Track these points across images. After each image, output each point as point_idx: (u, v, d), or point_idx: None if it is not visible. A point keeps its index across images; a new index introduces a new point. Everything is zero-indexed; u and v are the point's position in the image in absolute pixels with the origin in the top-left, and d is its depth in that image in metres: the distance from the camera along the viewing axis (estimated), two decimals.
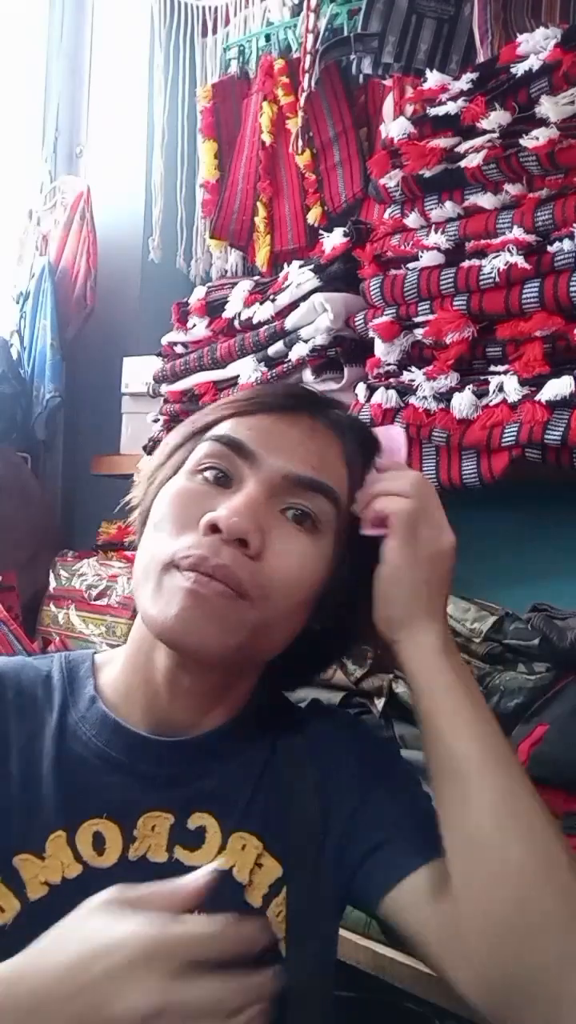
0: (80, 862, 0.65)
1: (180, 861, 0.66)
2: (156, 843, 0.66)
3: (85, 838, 0.65)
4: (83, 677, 0.72)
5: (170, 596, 0.62)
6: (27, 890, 0.63)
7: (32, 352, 1.81)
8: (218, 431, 0.68)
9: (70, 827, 0.65)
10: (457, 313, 0.97)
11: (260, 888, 0.67)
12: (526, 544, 1.22)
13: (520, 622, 1.01)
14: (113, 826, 0.65)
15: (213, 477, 0.66)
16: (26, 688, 0.71)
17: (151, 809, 0.66)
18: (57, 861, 0.64)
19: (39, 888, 0.64)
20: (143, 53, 1.81)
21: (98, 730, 0.68)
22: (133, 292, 1.81)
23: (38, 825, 0.65)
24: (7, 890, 0.63)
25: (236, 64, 1.62)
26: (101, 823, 0.65)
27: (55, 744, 0.68)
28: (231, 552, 0.61)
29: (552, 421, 0.89)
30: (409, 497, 0.69)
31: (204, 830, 0.67)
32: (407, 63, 1.17)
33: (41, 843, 0.64)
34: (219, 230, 1.58)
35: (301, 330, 1.17)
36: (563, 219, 0.89)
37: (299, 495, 0.65)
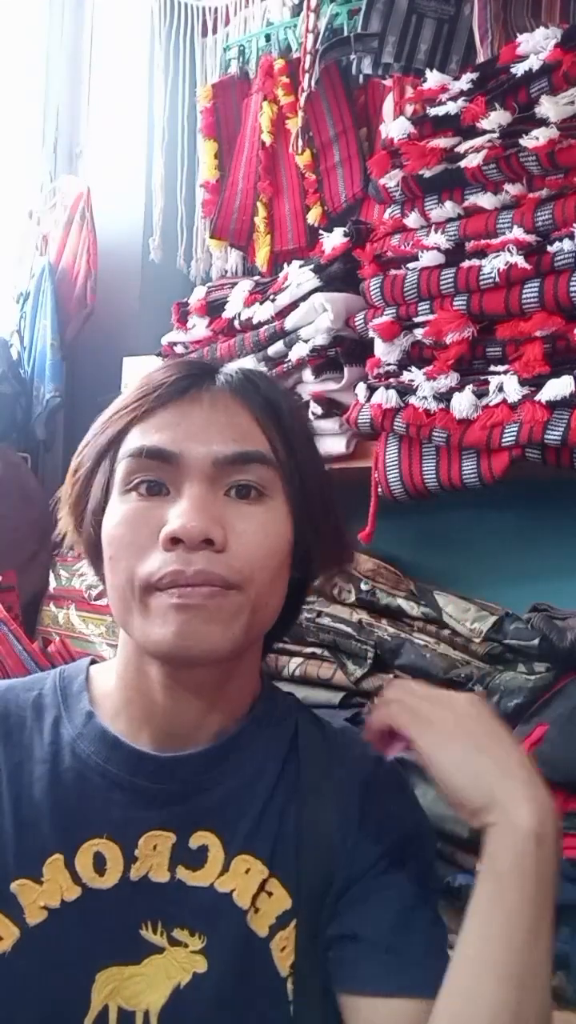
0: (79, 884, 0.64)
1: (183, 881, 0.64)
2: (158, 863, 0.65)
3: (85, 860, 0.64)
4: (77, 693, 0.71)
5: (163, 616, 0.61)
6: (26, 915, 0.63)
7: (32, 352, 1.81)
8: (130, 446, 0.65)
9: (68, 850, 0.64)
10: (457, 313, 0.97)
11: (267, 917, 0.65)
12: (526, 544, 1.22)
13: (520, 622, 1.01)
14: (114, 846, 0.64)
15: (147, 490, 0.64)
16: (12, 712, 0.69)
17: (152, 828, 0.65)
18: (56, 885, 0.63)
19: (38, 913, 0.63)
20: (143, 53, 1.81)
21: (97, 747, 0.67)
22: (133, 292, 1.81)
23: (34, 850, 0.64)
24: (5, 917, 0.62)
25: (236, 64, 1.62)
26: (102, 843, 0.64)
27: (50, 764, 0.67)
28: (201, 555, 0.61)
29: (552, 421, 0.89)
30: (389, 699, 0.66)
31: (206, 849, 0.65)
32: (407, 63, 1.17)
33: (38, 868, 0.64)
34: (219, 230, 1.58)
35: (301, 330, 1.17)
36: (563, 219, 0.89)
37: (235, 472, 0.64)
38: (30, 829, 0.64)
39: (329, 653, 1.15)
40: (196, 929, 0.63)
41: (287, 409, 0.69)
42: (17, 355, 1.86)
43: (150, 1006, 0.62)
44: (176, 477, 0.63)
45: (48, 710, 0.70)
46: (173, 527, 0.61)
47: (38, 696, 0.71)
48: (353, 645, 1.11)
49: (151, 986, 0.62)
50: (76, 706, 0.70)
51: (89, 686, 0.71)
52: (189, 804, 0.66)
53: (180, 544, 0.60)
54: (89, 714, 0.69)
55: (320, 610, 1.17)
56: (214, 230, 1.59)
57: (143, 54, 1.81)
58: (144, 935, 0.63)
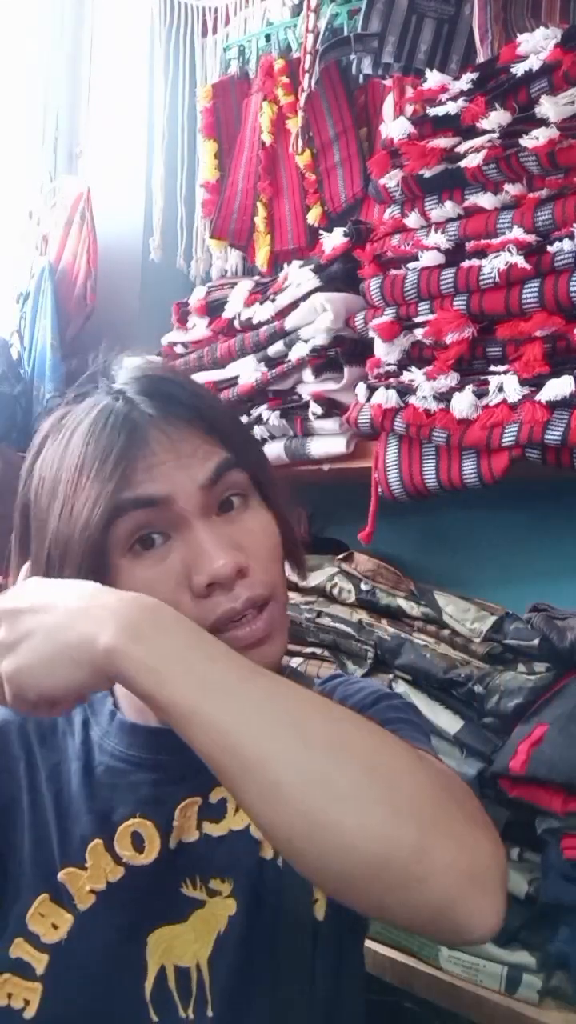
0: (121, 864, 0.67)
1: (209, 835, 0.69)
2: (189, 825, 0.69)
3: (124, 841, 0.68)
4: (101, 697, 0.74)
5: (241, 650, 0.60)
6: (76, 901, 0.66)
7: (32, 352, 1.81)
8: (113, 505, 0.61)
9: (106, 834, 0.68)
10: (457, 313, 0.97)
11: None
12: (526, 544, 1.22)
13: (520, 622, 1.01)
14: (148, 823, 0.68)
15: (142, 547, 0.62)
16: (45, 719, 0.73)
17: (185, 797, 0.69)
18: (99, 869, 0.67)
19: (87, 897, 0.66)
20: (143, 53, 1.81)
21: (119, 738, 0.71)
22: (133, 292, 1.80)
23: (76, 840, 0.68)
24: (57, 907, 0.66)
25: (236, 64, 1.62)
26: (136, 822, 0.68)
27: (83, 761, 0.70)
28: (240, 586, 0.62)
29: (552, 421, 0.89)
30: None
31: (225, 801, 0.70)
32: (407, 63, 1.17)
33: (81, 855, 0.67)
34: (219, 230, 1.58)
35: (301, 330, 1.17)
36: (563, 219, 0.89)
37: (218, 490, 0.64)
38: (70, 821, 0.68)
39: (329, 653, 1.15)
40: (223, 874, 0.68)
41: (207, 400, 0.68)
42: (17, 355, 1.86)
43: (199, 959, 0.66)
44: (171, 519, 0.62)
45: (77, 713, 0.73)
46: (208, 574, 0.60)
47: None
48: (353, 645, 1.11)
49: (198, 939, 0.66)
50: (102, 709, 0.74)
51: (112, 691, 0.75)
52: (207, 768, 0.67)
53: (216, 585, 0.61)
54: (112, 713, 0.73)
55: (320, 610, 1.17)
56: (214, 230, 1.59)
57: (143, 54, 1.81)
58: (185, 892, 0.67)
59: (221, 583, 0.61)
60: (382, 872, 0.47)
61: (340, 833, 0.47)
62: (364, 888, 0.49)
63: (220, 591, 0.62)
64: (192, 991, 0.65)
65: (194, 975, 0.66)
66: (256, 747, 0.49)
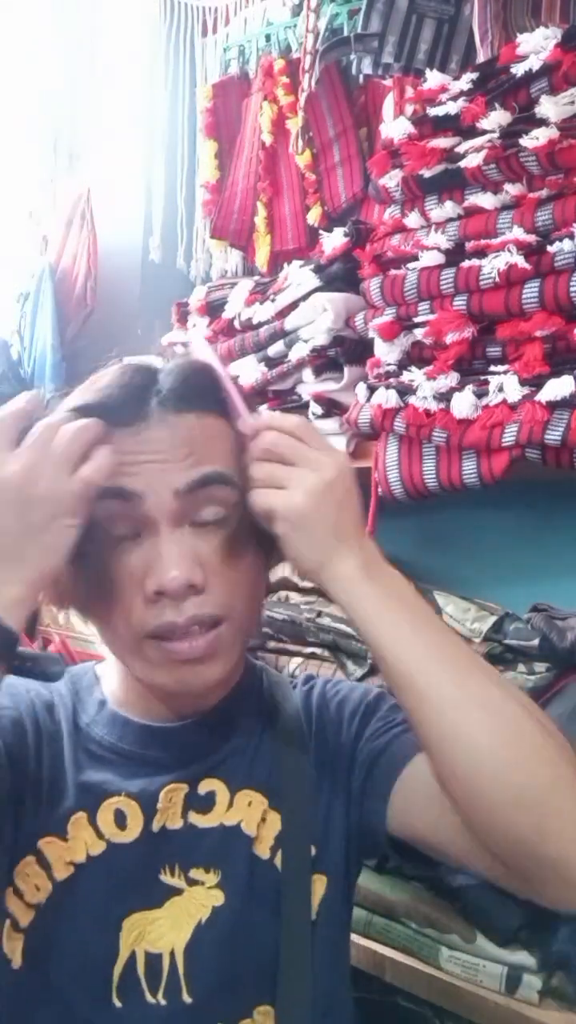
0: (103, 839, 0.68)
1: (194, 825, 0.69)
2: (173, 812, 0.69)
3: (106, 816, 0.68)
4: (88, 687, 0.76)
5: (165, 668, 0.65)
6: (53, 871, 0.67)
7: (32, 352, 1.81)
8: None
9: (90, 808, 0.68)
10: (457, 313, 0.97)
11: (267, 840, 0.70)
12: (526, 544, 1.22)
13: (520, 622, 1.01)
14: (133, 803, 0.69)
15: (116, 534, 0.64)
16: (44, 695, 0.74)
17: (170, 782, 0.69)
18: (80, 841, 0.68)
19: (65, 868, 0.67)
20: (143, 53, 1.81)
21: (109, 729, 0.72)
22: (133, 292, 1.80)
23: (61, 808, 0.68)
24: (40, 870, 0.67)
25: (236, 64, 1.62)
26: (121, 800, 0.69)
27: (71, 742, 0.71)
28: (190, 601, 0.63)
29: (552, 421, 0.89)
30: (287, 488, 0.64)
31: (214, 794, 0.70)
32: (407, 63, 1.17)
33: (63, 825, 0.68)
34: (219, 230, 1.58)
35: (301, 330, 1.17)
36: (563, 219, 0.89)
37: (199, 501, 0.64)
38: (57, 791, 0.69)
39: (329, 653, 1.15)
40: (211, 866, 0.68)
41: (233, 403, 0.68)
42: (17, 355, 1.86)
43: (175, 946, 0.66)
44: (141, 518, 0.63)
45: (66, 699, 0.74)
46: (156, 582, 0.62)
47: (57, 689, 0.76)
48: (353, 645, 1.11)
49: (174, 927, 0.67)
50: (89, 698, 0.75)
51: (98, 681, 0.77)
52: (198, 762, 0.71)
53: (164, 596, 0.62)
54: (102, 703, 0.74)
55: (320, 610, 1.17)
56: (214, 230, 1.59)
57: (143, 54, 1.81)
58: (164, 879, 0.68)
59: (170, 594, 0.62)
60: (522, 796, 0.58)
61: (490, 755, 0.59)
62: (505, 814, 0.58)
63: (169, 601, 0.62)
64: (163, 977, 0.66)
65: (166, 961, 0.66)
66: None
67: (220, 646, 0.65)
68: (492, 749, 0.59)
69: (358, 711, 0.76)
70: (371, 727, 0.74)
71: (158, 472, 0.63)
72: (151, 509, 0.63)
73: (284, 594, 1.21)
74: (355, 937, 0.99)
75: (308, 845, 0.71)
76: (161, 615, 0.63)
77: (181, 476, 0.63)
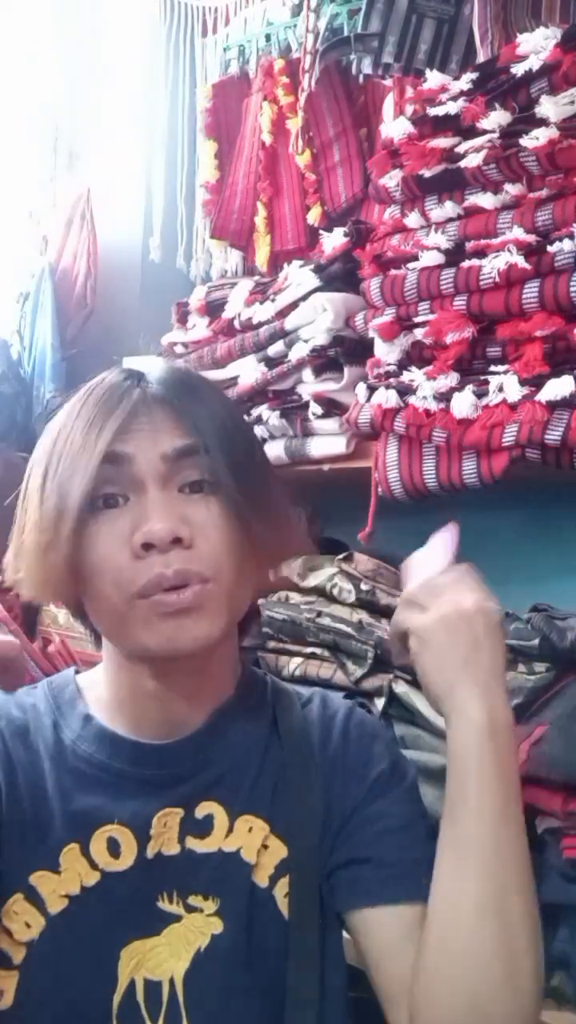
0: (97, 870, 0.66)
1: (192, 850, 0.68)
2: (169, 837, 0.68)
3: (99, 846, 0.67)
4: (70, 700, 0.73)
5: (154, 625, 0.64)
6: (47, 905, 0.65)
7: (32, 352, 1.81)
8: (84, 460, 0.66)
9: (83, 838, 0.66)
10: (457, 313, 0.97)
11: (266, 868, 0.68)
12: (526, 544, 1.22)
13: (520, 622, 1.01)
14: (126, 830, 0.67)
15: (104, 503, 0.66)
16: (16, 717, 0.72)
17: (164, 807, 0.68)
18: (74, 873, 0.66)
19: (59, 902, 0.65)
20: (143, 53, 1.81)
21: (97, 746, 0.70)
22: (133, 292, 1.80)
23: (50, 841, 0.66)
24: (31, 907, 0.65)
25: (236, 64, 1.62)
26: (114, 828, 0.67)
27: (56, 763, 0.69)
28: (176, 554, 0.64)
29: (552, 421, 0.89)
30: (426, 611, 0.69)
31: (212, 817, 0.69)
32: (407, 63, 1.17)
33: (55, 858, 0.66)
34: (219, 230, 1.58)
35: (301, 330, 1.17)
36: (563, 219, 0.89)
37: (184, 468, 0.66)
38: (45, 823, 0.67)
39: (329, 653, 1.14)
40: (209, 893, 0.67)
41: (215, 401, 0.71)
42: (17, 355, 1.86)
43: (174, 973, 0.65)
44: (131, 482, 0.65)
45: (45, 716, 0.72)
46: (143, 533, 0.63)
47: (33, 705, 0.73)
48: (353, 645, 1.11)
49: (173, 954, 0.66)
50: (71, 712, 0.72)
51: (81, 693, 0.74)
52: (193, 781, 0.69)
53: (152, 548, 0.63)
54: (87, 717, 0.71)
55: (320, 610, 1.16)
56: (214, 230, 1.59)
57: (143, 54, 1.81)
58: (161, 906, 0.66)
59: (157, 546, 0.63)
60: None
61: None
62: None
63: (157, 555, 0.63)
64: (163, 1005, 0.64)
65: (166, 989, 0.65)
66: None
67: (207, 602, 0.64)
68: (492, 968, 0.60)
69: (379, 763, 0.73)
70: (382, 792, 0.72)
71: (147, 438, 0.66)
72: (140, 471, 0.65)
73: (284, 594, 1.21)
74: None
75: (316, 875, 0.69)
76: (150, 569, 0.63)
77: (168, 442, 0.66)
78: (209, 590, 0.65)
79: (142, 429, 0.66)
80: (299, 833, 0.69)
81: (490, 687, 0.65)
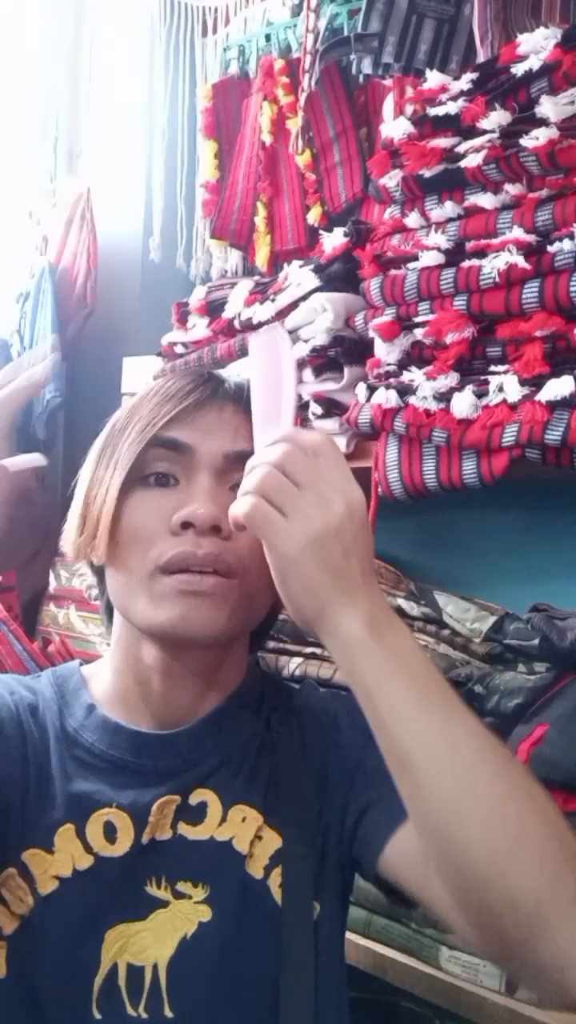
0: (91, 853, 0.67)
1: (183, 836, 0.68)
2: (163, 823, 0.68)
3: (96, 829, 0.67)
4: (74, 689, 0.74)
5: (170, 600, 0.65)
6: (37, 885, 0.66)
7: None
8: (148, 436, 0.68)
9: (79, 820, 0.67)
10: (457, 313, 0.97)
11: (261, 859, 0.69)
12: (526, 544, 1.22)
13: (520, 622, 1.01)
14: (123, 815, 0.68)
15: (156, 481, 0.68)
16: (27, 696, 0.73)
17: (163, 795, 0.69)
18: (67, 855, 0.66)
19: (49, 883, 0.66)
20: (143, 53, 1.81)
21: (99, 735, 0.71)
22: (133, 292, 1.80)
23: (47, 820, 0.67)
24: (23, 883, 0.66)
25: (236, 64, 1.61)
26: (112, 812, 0.68)
27: (59, 747, 0.70)
28: (210, 540, 0.65)
29: (552, 421, 0.89)
30: (250, 492, 0.60)
31: (205, 805, 0.69)
32: (407, 63, 1.17)
33: (49, 838, 0.67)
34: (219, 230, 1.58)
35: (301, 330, 1.17)
36: (563, 219, 0.89)
37: (239, 469, 0.66)
38: (45, 801, 0.68)
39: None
40: (199, 880, 0.67)
41: None
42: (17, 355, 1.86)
43: (158, 959, 0.65)
44: (186, 469, 0.68)
45: (52, 702, 0.73)
46: (185, 512, 0.65)
47: (40, 691, 0.75)
48: None
49: (158, 940, 0.66)
50: (76, 701, 0.73)
51: (85, 684, 0.75)
52: (190, 771, 0.70)
53: (190, 528, 0.65)
54: (90, 707, 0.73)
55: None
56: (214, 230, 1.59)
57: (143, 54, 1.81)
58: (149, 891, 0.67)
59: (195, 526, 0.64)
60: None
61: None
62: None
63: (192, 536, 0.65)
64: (144, 990, 0.64)
65: (148, 975, 0.65)
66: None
67: (224, 593, 0.65)
68: (487, 854, 0.54)
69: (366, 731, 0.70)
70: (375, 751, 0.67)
71: (211, 433, 0.69)
72: (198, 464, 0.68)
73: None
74: (355, 937, 0.99)
75: (310, 867, 0.69)
76: (180, 544, 0.65)
77: (232, 444, 0.69)
78: (232, 584, 0.66)
79: (209, 422, 0.69)
80: (293, 824, 0.70)
81: (360, 590, 0.59)
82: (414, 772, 0.57)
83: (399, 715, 0.58)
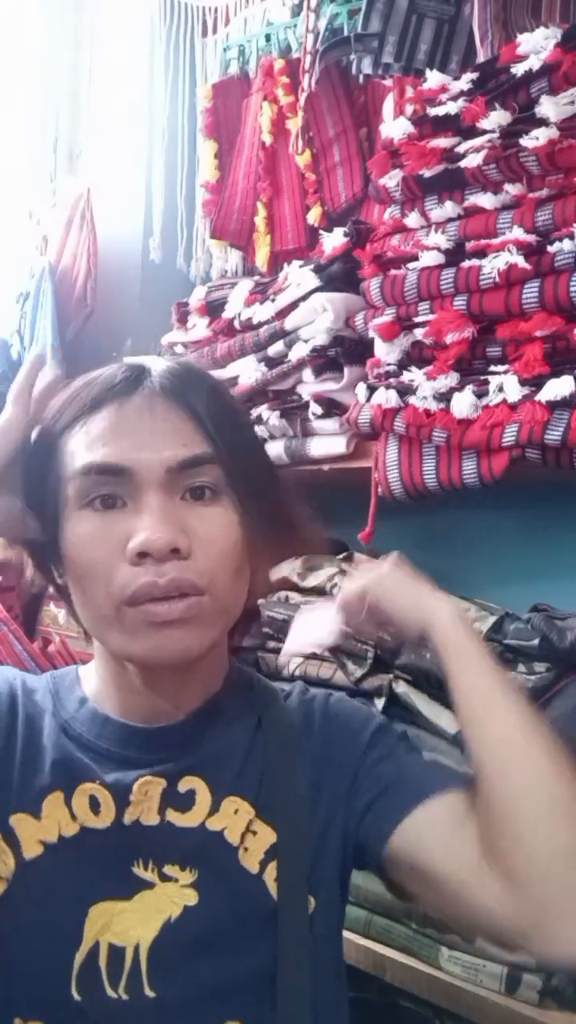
0: (76, 822, 0.67)
1: (172, 823, 0.68)
2: (148, 807, 0.68)
3: (81, 800, 0.67)
4: (69, 686, 0.75)
5: (143, 633, 0.64)
6: (22, 849, 0.66)
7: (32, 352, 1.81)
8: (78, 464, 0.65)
9: (67, 788, 0.67)
10: (457, 313, 0.97)
11: (256, 854, 0.69)
12: (526, 544, 1.22)
13: (520, 622, 1.01)
14: (106, 791, 0.68)
15: (102, 504, 0.64)
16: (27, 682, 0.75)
17: (146, 775, 0.68)
18: (54, 821, 0.67)
19: (35, 847, 0.66)
20: (143, 53, 1.81)
21: (88, 726, 0.71)
22: (133, 292, 1.80)
23: (36, 786, 0.68)
24: (7, 847, 0.66)
25: (236, 64, 1.62)
26: (95, 787, 0.68)
27: (51, 726, 0.71)
28: (171, 564, 0.62)
29: (552, 421, 0.89)
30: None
31: (194, 792, 0.69)
32: (407, 63, 1.17)
33: (38, 803, 0.67)
34: (219, 230, 1.58)
35: (301, 330, 1.17)
36: (563, 219, 0.89)
37: (187, 477, 0.65)
38: (34, 768, 0.68)
39: (329, 653, 1.15)
40: (187, 864, 0.67)
41: (224, 402, 0.70)
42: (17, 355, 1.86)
43: (140, 940, 0.65)
44: (130, 489, 0.64)
45: (46, 695, 0.74)
46: (139, 542, 0.62)
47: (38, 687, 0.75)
48: (353, 645, 1.11)
49: (142, 921, 0.65)
50: (69, 696, 0.74)
51: (79, 682, 0.76)
52: (177, 760, 0.70)
53: (148, 557, 0.62)
54: (82, 700, 0.73)
55: None
56: (214, 230, 1.59)
57: (143, 54, 1.81)
58: (136, 872, 0.66)
59: (152, 555, 0.62)
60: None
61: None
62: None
63: (151, 564, 0.62)
64: (124, 971, 0.64)
65: (129, 956, 0.65)
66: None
67: (200, 614, 0.64)
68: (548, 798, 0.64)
69: (365, 730, 0.75)
70: (378, 749, 0.74)
71: (150, 448, 0.64)
72: (141, 483, 0.63)
73: (284, 594, 1.21)
74: (355, 937, 0.99)
75: (305, 861, 0.69)
76: (142, 575, 0.62)
77: (173, 454, 0.64)
78: (202, 602, 0.64)
79: (141, 433, 0.64)
80: (286, 818, 0.70)
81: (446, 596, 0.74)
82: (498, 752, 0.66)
83: (495, 694, 0.69)
